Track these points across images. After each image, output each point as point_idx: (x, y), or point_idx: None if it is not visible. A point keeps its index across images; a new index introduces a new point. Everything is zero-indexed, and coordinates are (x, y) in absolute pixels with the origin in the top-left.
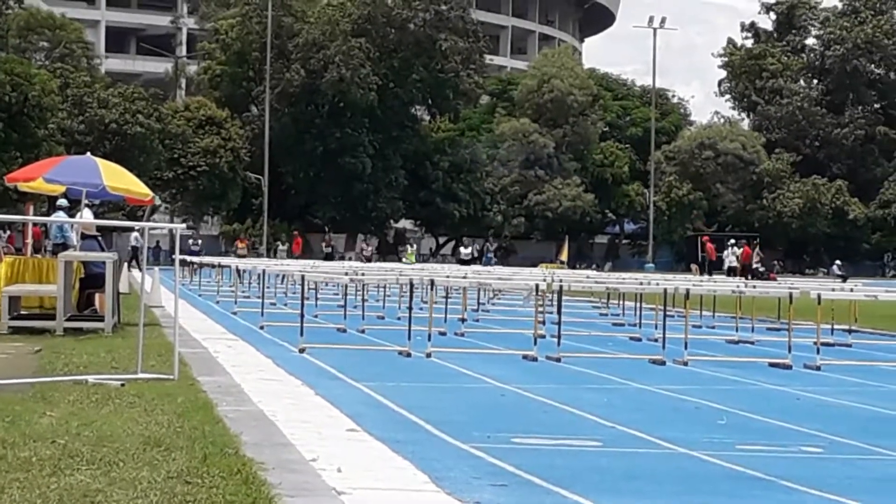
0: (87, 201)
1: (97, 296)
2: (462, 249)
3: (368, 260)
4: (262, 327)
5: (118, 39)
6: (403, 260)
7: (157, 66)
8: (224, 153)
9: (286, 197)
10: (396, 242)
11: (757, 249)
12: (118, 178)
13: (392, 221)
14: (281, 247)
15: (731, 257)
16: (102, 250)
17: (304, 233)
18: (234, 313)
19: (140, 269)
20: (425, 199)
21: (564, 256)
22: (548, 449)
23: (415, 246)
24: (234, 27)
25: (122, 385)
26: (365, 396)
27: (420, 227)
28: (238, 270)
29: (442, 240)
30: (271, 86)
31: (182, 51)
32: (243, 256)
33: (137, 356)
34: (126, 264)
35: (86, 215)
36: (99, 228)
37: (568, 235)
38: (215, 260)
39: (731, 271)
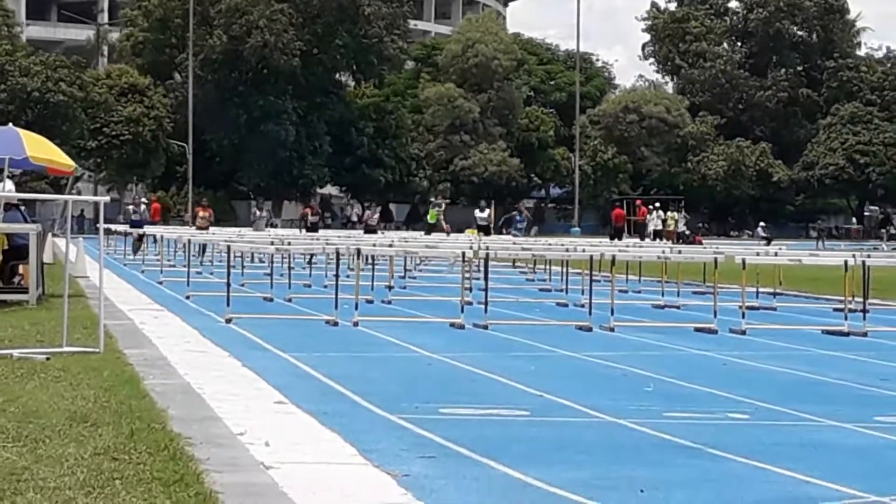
0: (9, 171)
1: (21, 267)
2: (477, 213)
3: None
4: (188, 297)
5: (39, 6)
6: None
7: (79, 34)
8: (147, 121)
9: (210, 164)
10: (323, 209)
11: (682, 213)
12: (40, 149)
13: (318, 188)
14: (259, 214)
15: (655, 221)
16: (26, 221)
17: (228, 200)
18: (160, 283)
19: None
20: (350, 166)
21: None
22: (476, 419)
23: (442, 205)
24: None
25: (48, 359)
26: (292, 367)
27: (346, 194)
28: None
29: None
30: (194, 52)
31: (104, 18)
32: (204, 228)
33: (63, 329)
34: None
35: (7, 186)
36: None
37: (494, 200)
38: (142, 230)
39: (656, 235)
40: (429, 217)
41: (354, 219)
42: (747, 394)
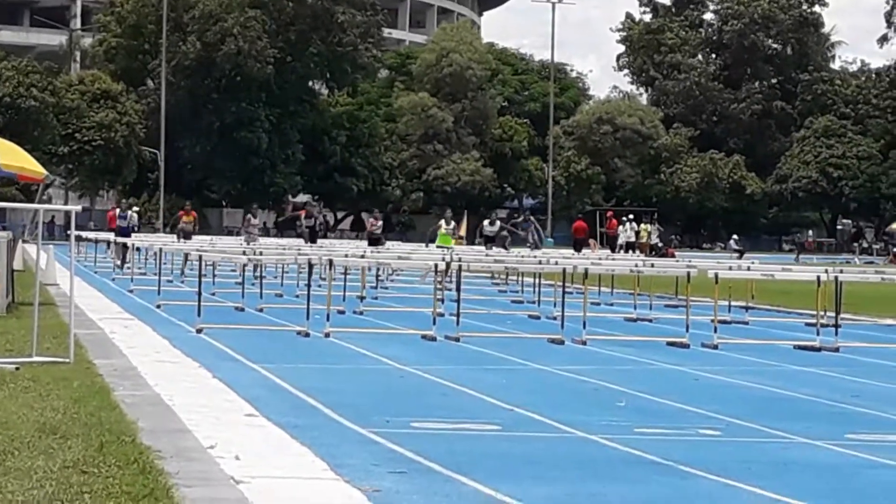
0: None
1: None
2: (486, 225)
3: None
4: (158, 306)
5: (11, 11)
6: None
7: (52, 39)
8: (119, 127)
9: (182, 171)
10: (295, 217)
11: (656, 225)
12: (12, 156)
13: (290, 196)
14: (253, 220)
15: (628, 232)
16: None
17: (200, 207)
18: (131, 291)
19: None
20: (323, 174)
21: (463, 231)
22: (447, 433)
23: (452, 223)
24: None
25: (17, 369)
26: (263, 379)
27: (318, 202)
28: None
29: (340, 214)
30: (167, 59)
31: (77, 23)
32: (190, 232)
33: (32, 338)
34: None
35: None
36: None
37: (467, 210)
38: (111, 236)
39: (628, 247)
40: (440, 241)
41: (318, 229)
42: (719, 409)
